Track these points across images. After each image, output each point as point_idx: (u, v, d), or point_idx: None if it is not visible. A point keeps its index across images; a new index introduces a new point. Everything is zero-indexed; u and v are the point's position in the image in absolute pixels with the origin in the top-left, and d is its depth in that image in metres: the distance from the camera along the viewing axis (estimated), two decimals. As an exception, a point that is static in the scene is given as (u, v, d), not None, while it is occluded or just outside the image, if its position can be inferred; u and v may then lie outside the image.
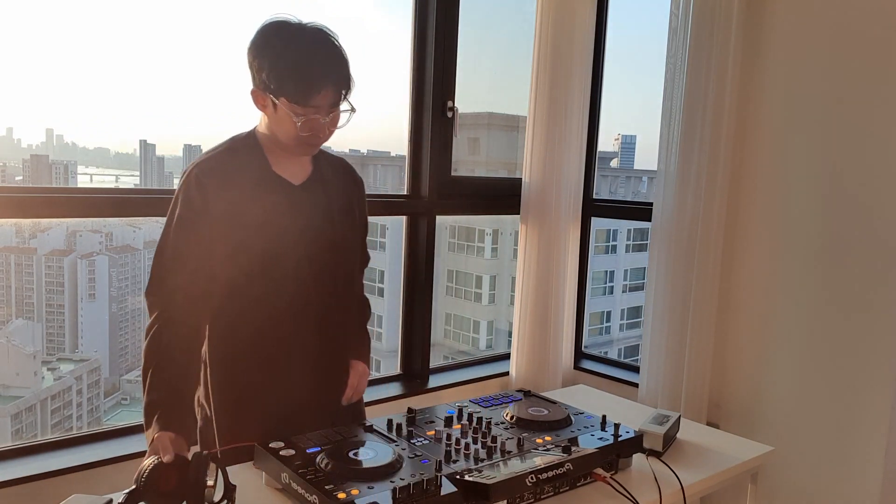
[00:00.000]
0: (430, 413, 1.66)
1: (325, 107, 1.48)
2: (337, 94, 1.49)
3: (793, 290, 2.42)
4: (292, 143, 1.52)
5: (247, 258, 1.52)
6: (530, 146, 2.82)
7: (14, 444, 2.01)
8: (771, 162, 2.46)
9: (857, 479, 2.28)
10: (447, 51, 2.69)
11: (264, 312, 1.55)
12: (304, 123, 1.47)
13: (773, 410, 2.48)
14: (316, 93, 1.46)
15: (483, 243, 3.73)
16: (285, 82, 1.44)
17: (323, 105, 1.48)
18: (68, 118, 2.31)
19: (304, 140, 1.51)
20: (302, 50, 1.46)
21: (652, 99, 2.67)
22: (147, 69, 2.25)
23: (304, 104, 1.46)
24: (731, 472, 1.69)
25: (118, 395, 2.74)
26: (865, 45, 2.23)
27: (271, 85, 1.46)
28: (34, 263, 2.59)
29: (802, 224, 2.39)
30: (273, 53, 1.46)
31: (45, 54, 2.11)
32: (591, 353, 3.20)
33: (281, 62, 1.44)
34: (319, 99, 1.47)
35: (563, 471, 1.36)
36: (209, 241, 1.49)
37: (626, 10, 3.05)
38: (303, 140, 1.51)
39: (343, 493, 1.22)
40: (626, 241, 3.95)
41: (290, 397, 1.60)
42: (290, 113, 1.46)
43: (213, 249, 1.49)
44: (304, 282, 1.57)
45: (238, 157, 1.55)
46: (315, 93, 1.45)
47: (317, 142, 1.54)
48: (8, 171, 2.35)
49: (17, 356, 2.56)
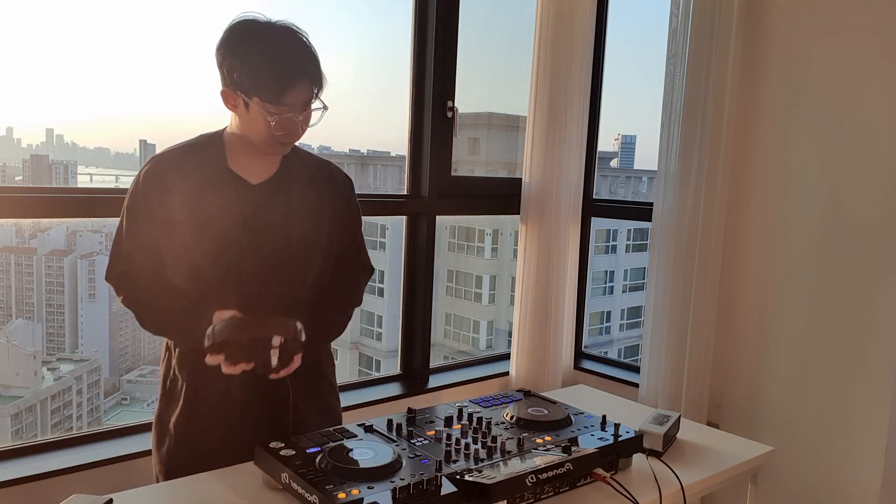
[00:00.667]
0: (430, 413, 1.66)
1: (298, 105, 1.47)
2: (309, 93, 1.48)
3: (793, 290, 2.42)
4: (265, 142, 1.51)
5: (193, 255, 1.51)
6: (530, 146, 2.82)
7: (14, 444, 2.01)
8: (771, 162, 2.46)
9: (857, 478, 2.28)
10: (447, 51, 2.69)
11: (212, 308, 1.50)
12: (278, 122, 1.46)
13: (773, 410, 2.48)
14: (289, 91, 1.44)
15: (483, 243, 3.73)
16: (258, 81, 1.43)
17: (296, 103, 1.47)
18: (68, 118, 2.31)
19: (277, 139, 1.50)
20: (274, 48, 1.44)
21: (652, 99, 2.67)
22: (147, 69, 2.25)
23: (277, 103, 1.45)
24: (731, 472, 1.69)
25: (118, 395, 2.74)
26: (865, 45, 2.23)
27: (244, 84, 1.44)
28: (34, 263, 2.59)
29: (802, 224, 2.39)
30: (244, 52, 1.44)
31: (45, 54, 2.11)
32: (591, 353, 3.20)
33: (254, 61, 1.43)
34: (293, 97, 1.45)
35: (563, 471, 1.36)
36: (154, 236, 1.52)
37: (626, 10, 3.05)
38: (276, 139, 1.50)
39: (343, 493, 1.22)
40: (626, 241, 3.95)
41: (242, 405, 1.59)
42: (263, 112, 1.45)
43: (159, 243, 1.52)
44: (249, 281, 1.54)
45: (196, 154, 1.55)
46: (288, 91, 1.44)
47: (289, 140, 1.53)
48: (8, 171, 2.35)
49: (17, 356, 2.56)
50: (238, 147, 1.56)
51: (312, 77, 1.48)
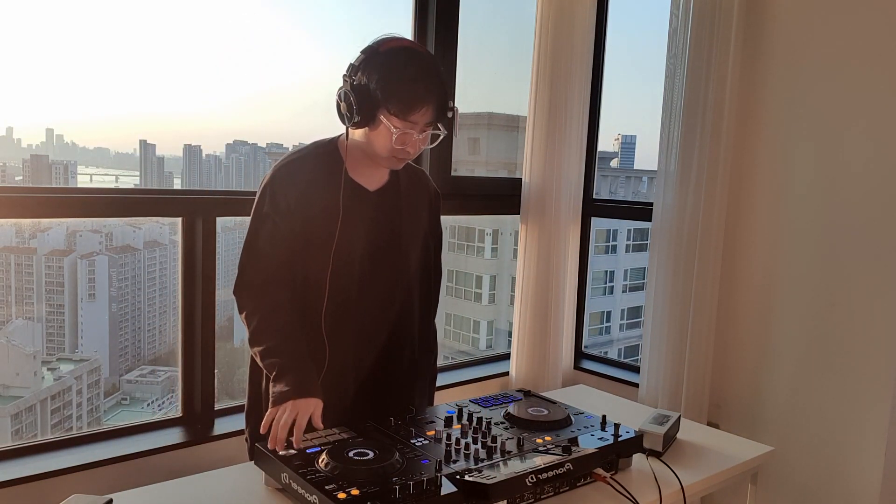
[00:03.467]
0: (430, 413, 1.66)
1: (420, 124, 1.58)
2: (434, 115, 1.59)
3: (793, 290, 2.42)
4: (385, 153, 1.61)
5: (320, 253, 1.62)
6: (530, 146, 2.82)
7: (14, 444, 2.01)
8: (771, 162, 2.46)
9: (857, 478, 2.28)
10: (447, 51, 2.69)
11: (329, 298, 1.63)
12: (399, 136, 1.56)
13: (773, 410, 2.48)
14: (416, 110, 1.55)
15: (483, 243, 3.73)
16: (391, 95, 1.53)
17: (419, 122, 1.57)
18: (68, 118, 2.31)
19: (396, 153, 1.60)
20: (411, 69, 1.56)
21: (652, 99, 2.67)
22: (147, 69, 2.25)
23: (403, 118, 1.54)
24: (731, 472, 1.69)
25: (118, 395, 2.74)
26: (866, 45, 2.23)
27: (377, 95, 1.54)
28: (34, 263, 2.59)
29: (802, 224, 2.39)
30: (388, 67, 1.54)
31: (45, 54, 2.11)
32: (591, 353, 3.20)
33: (393, 76, 1.54)
34: (418, 116, 1.56)
35: (563, 471, 1.36)
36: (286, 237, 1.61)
37: (626, 11, 3.05)
38: (394, 152, 1.60)
39: (343, 493, 1.22)
40: (626, 241, 3.95)
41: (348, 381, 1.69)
42: (388, 125, 1.55)
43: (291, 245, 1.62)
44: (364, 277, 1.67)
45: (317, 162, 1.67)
46: (415, 110, 1.55)
47: (406, 156, 1.64)
48: (8, 171, 2.35)
49: (17, 356, 2.56)
50: (357, 156, 1.68)
51: (439, 103, 1.60)
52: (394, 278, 1.74)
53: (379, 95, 1.54)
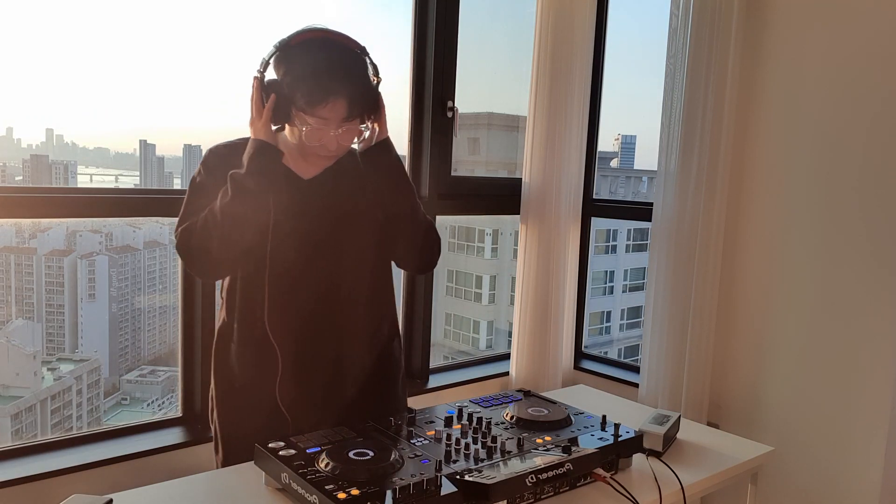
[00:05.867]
0: (430, 413, 1.66)
1: (333, 120, 1.48)
2: (349, 109, 1.48)
3: (793, 290, 2.42)
4: (299, 148, 1.56)
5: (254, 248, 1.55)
6: (530, 146, 2.82)
7: (14, 444, 2.01)
8: (771, 162, 2.46)
9: (857, 479, 2.28)
10: (447, 51, 2.69)
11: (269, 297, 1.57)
12: (309, 133, 1.48)
13: (773, 410, 2.48)
14: (321, 105, 1.45)
15: (483, 243, 3.73)
16: (296, 90, 1.46)
17: (330, 118, 1.47)
18: (68, 118, 2.31)
19: (315, 149, 1.53)
20: (317, 61, 1.46)
21: (652, 99, 2.67)
22: (147, 69, 2.25)
23: (311, 114, 1.47)
24: (731, 472, 1.69)
25: (118, 395, 2.74)
26: (866, 45, 2.23)
27: (287, 90, 1.48)
28: (34, 263, 2.59)
29: (802, 224, 2.39)
30: (295, 61, 1.48)
31: (45, 54, 2.11)
32: (591, 353, 3.20)
33: (298, 70, 1.46)
34: (326, 111, 1.46)
35: (563, 471, 1.36)
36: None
37: (626, 10, 3.05)
38: (313, 149, 1.53)
39: (343, 493, 1.22)
40: (626, 241, 3.95)
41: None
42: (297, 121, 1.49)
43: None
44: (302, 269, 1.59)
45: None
46: (320, 105, 1.45)
47: (324, 153, 1.54)
48: (8, 171, 2.35)
49: (17, 356, 2.56)
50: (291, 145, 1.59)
51: (352, 95, 1.47)
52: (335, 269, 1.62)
53: (285, 91, 1.47)
